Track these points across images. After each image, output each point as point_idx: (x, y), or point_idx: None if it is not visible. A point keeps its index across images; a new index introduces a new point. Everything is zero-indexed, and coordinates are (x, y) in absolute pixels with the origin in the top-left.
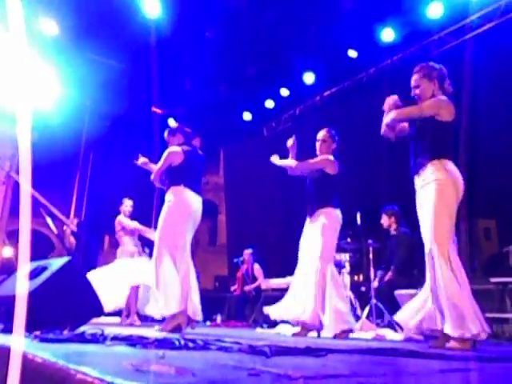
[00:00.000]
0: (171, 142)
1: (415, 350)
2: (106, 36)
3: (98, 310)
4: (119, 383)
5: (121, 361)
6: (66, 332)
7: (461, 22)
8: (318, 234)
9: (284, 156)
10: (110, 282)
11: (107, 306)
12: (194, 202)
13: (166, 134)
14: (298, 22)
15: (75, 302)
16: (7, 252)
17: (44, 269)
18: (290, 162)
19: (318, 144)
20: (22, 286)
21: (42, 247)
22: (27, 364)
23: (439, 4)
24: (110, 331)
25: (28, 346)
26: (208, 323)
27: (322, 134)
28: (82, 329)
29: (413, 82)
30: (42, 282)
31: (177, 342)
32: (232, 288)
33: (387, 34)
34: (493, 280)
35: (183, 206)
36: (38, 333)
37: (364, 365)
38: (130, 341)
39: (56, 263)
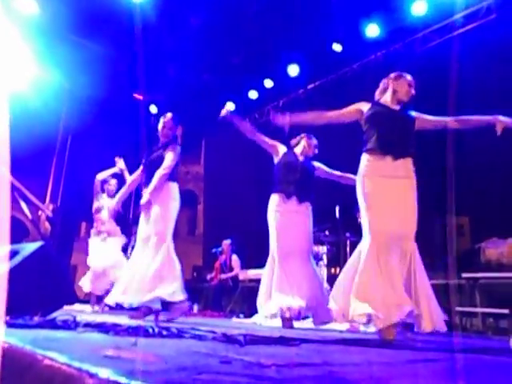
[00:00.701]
0: (170, 129)
1: (387, 340)
2: (88, 18)
3: (70, 296)
4: (87, 369)
5: (91, 347)
6: (36, 318)
7: (445, 20)
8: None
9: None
10: None
11: None
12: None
13: (169, 118)
14: (284, 14)
15: (47, 288)
16: None
17: (16, 253)
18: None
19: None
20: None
21: (16, 232)
22: None
23: (423, 2)
24: (83, 318)
25: None
26: None
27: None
28: (54, 315)
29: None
30: (13, 265)
31: (150, 330)
32: (208, 276)
33: (372, 30)
34: (464, 275)
35: (177, 201)
36: (7, 318)
37: (337, 354)
38: (103, 328)
39: (28, 248)
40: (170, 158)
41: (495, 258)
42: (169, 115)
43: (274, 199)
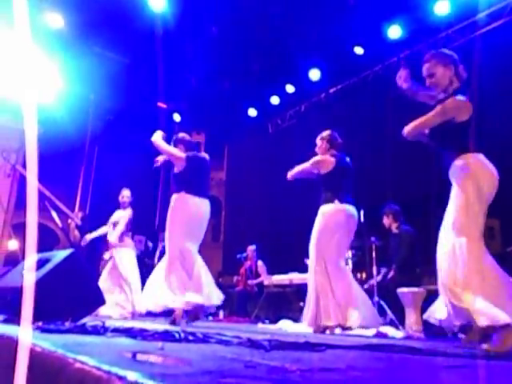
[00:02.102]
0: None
1: (416, 347)
2: (111, 30)
3: (99, 301)
4: (116, 372)
5: (120, 351)
6: (67, 323)
7: (468, 19)
8: (314, 231)
9: (288, 152)
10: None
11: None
12: (196, 205)
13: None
14: (303, 19)
15: (78, 294)
16: (13, 245)
17: (47, 260)
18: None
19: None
20: (28, 277)
21: (47, 240)
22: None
23: (446, 1)
24: (112, 323)
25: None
26: (210, 318)
27: (318, 138)
28: (84, 320)
29: (425, 71)
30: (44, 273)
31: (177, 335)
32: (235, 278)
33: (394, 31)
34: None
35: (182, 210)
36: (39, 323)
37: (361, 360)
38: (131, 333)
39: (59, 255)
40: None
41: None
42: (181, 134)
43: (340, 210)
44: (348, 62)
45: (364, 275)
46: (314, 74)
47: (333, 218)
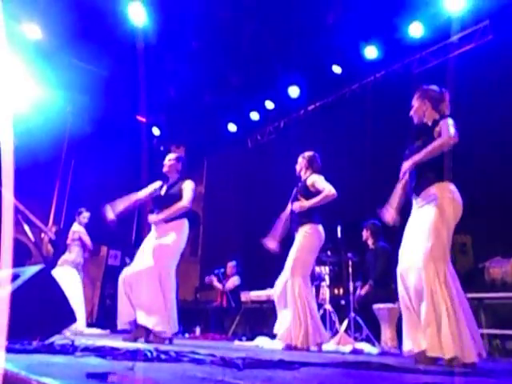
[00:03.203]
0: (175, 168)
1: (390, 363)
2: (90, 42)
3: (70, 319)
4: None
5: (86, 372)
6: (35, 342)
7: (442, 42)
8: (296, 249)
9: (267, 167)
10: None
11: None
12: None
13: (172, 159)
14: (283, 36)
15: (47, 312)
16: None
17: (16, 276)
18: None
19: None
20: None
21: (19, 255)
22: None
23: (419, 24)
24: (82, 342)
25: None
26: (186, 335)
27: (300, 156)
28: (53, 339)
29: (412, 102)
30: (13, 289)
31: (149, 354)
32: (207, 279)
33: (370, 51)
34: (468, 295)
35: (185, 237)
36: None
37: (335, 378)
38: (101, 352)
39: (29, 271)
40: (190, 192)
41: (500, 277)
42: (172, 156)
43: (319, 230)
44: (326, 80)
45: (341, 291)
46: (294, 91)
47: (315, 238)
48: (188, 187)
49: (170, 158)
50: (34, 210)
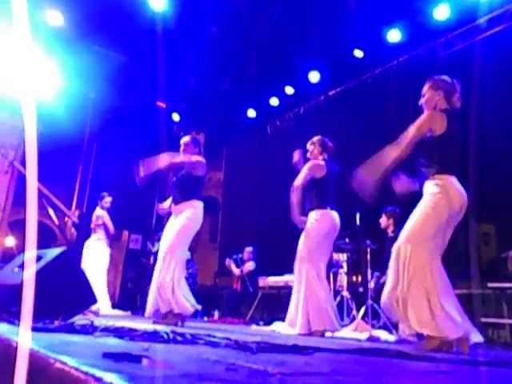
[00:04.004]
0: (190, 150)
1: (406, 351)
2: (111, 28)
3: (91, 300)
4: (94, 373)
5: (103, 352)
6: (56, 322)
7: (468, 24)
8: (303, 236)
9: (286, 154)
10: None
11: None
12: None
13: (187, 140)
14: (304, 20)
15: (68, 292)
16: (10, 241)
17: (39, 258)
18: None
19: None
20: (27, 276)
21: (44, 238)
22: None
23: (446, 6)
24: (102, 322)
25: (13, 334)
26: (205, 318)
27: (308, 143)
28: (74, 319)
29: (422, 91)
30: (36, 270)
31: (165, 336)
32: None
33: (393, 35)
34: (490, 285)
35: (197, 217)
36: None
37: (348, 364)
38: (119, 332)
39: (51, 253)
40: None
41: None
42: (186, 139)
43: (329, 216)
44: (347, 65)
45: (359, 278)
46: (314, 77)
47: (325, 225)
48: (199, 163)
49: (185, 140)
50: (57, 195)
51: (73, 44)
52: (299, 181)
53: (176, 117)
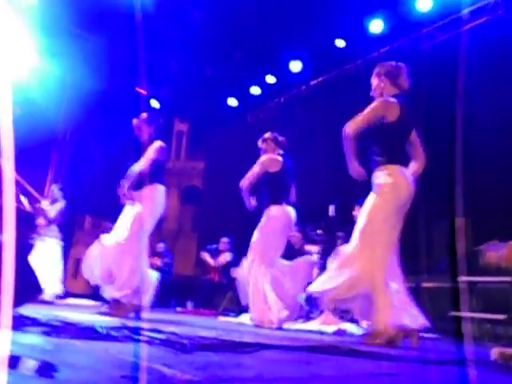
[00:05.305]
0: (144, 130)
1: (359, 349)
2: (89, 10)
3: (35, 291)
4: None
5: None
6: None
7: (451, 16)
8: (257, 230)
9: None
10: None
11: None
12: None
13: (139, 121)
14: (286, 9)
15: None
16: None
17: None
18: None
19: None
20: None
21: (18, 224)
22: None
23: None
24: (46, 313)
25: None
26: (178, 309)
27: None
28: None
29: (371, 82)
30: None
31: (100, 330)
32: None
33: (376, 26)
34: (461, 279)
35: (157, 202)
36: None
37: (283, 365)
38: (51, 327)
39: None
40: (149, 153)
41: (495, 261)
42: (143, 115)
43: (284, 211)
44: (329, 55)
45: None
46: (295, 66)
47: (281, 222)
48: (150, 148)
49: (136, 121)
50: (30, 181)
51: (49, 24)
52: (246, 181)
53: (156, 104)
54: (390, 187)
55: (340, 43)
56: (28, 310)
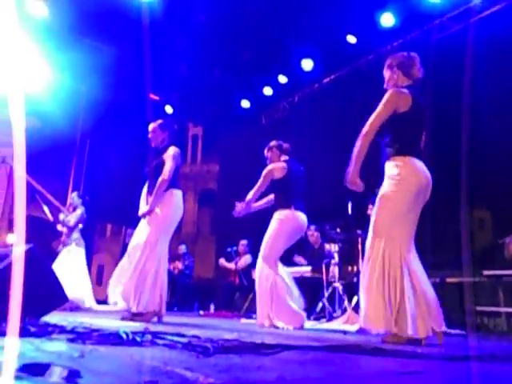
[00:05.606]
0: (158, 135)
1: (382, 347)
2: (98, 20)
3: (61, 300)
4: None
5: (23, 364)
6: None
7: (463, 6)
8: (268, 235)
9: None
10: None
11: None
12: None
13: (154, 126)
14: (295, 7)
15: (35, 292)
16: (11, 239)
17: (6, 256)
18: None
19: None
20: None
21: (43, 234)
22: None
23: None
24: (72, 320)
25: None
26: (201, 312)
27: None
28: (45, 319)
29: (384, 74)
30: None
31: (124, 336)
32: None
33: (387, 19)
34: (486, 273)
35: (174, 208)
36: None
37: (306, 366)
38: (76, 334)
39: (15, 252)
40: (169, 161)
41: None
42: (158, 121)
43: (292, 215)
44: (341, 51)
45: (355, 268)
46: (307, 64)
47: (289, 225)
48: (168, 156)
49: (151, 127)
50: (51, 191)
51: (60, 36)
52: (251, 195)
53: (169, 109)
54: (399, 178)
55: (351, 39)
56: (55, 317)
